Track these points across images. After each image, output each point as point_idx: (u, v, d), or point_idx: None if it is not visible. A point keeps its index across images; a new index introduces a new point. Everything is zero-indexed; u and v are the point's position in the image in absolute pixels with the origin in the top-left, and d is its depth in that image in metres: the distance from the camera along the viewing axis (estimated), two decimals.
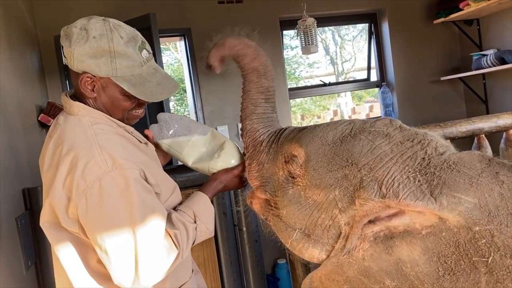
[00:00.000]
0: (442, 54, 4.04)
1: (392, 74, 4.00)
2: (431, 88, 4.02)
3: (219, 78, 3.52)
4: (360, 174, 1.00)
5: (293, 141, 1.18)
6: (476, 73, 3.64)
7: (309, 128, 1.18)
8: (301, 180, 1.13)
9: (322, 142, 1.10)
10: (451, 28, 4.02)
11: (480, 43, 3.82)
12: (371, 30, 4.10)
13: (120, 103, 1.24)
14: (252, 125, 1.31)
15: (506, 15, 3.52)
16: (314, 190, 1.08)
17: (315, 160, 1.09)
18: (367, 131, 1.07)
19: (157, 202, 1.17)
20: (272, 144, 1.27)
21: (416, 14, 3.96)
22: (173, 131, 1.47)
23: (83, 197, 1.06)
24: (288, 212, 1.15)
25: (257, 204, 1.31)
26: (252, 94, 1.30)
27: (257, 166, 1.29)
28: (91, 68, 1.16)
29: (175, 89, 1.28)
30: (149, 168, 1.21)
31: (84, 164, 1.08)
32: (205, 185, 1.40)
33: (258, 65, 1.27)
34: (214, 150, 1.46)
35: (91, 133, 1.16)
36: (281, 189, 1.18)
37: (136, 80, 1.20)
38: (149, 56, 1.24)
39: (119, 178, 1.08)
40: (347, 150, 1.05)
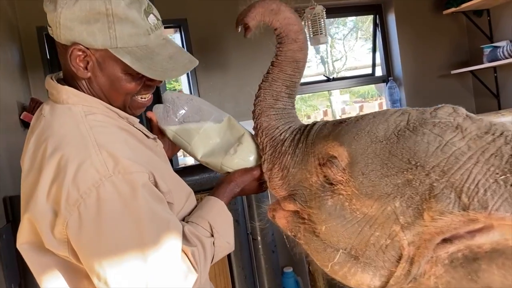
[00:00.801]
0: (450, 47, 3.86)
1: (399, 68, 3.80)
2: (440, 82, 3.83)
3: (218, 73, 3.29)
4: (430, 180, 0.78)
5: (329, 139, 0.95)
6: (488, 66, 3.46)
7: (348, 122, 0.95)
8: (344, 187, 0.90)
9: (372, 139, 0.87)
10: (459, 19, 3.84)
11: (491, 34, 3.64)
12: (375, 22, 3.90)
13: (122, 85, 0.99)
14: (269, 121, 1.09)
15: None
16: (364, 200, 0.86)
17: (363, 162, 0.87)
18: (430, 123, 0.84)
19: (171, 215, 0.95)
20: (298, 143, 1.05)
21: (424, 4, 3.77)
22: (182, 115, 1.23)
23: (75, 211, 0.84)
24: (328, 228, 0.93)
25: (282, 218, 1.08)
26: (276, 86, 1.08)
27: (280, 172, 1.07)
28: (83, 37, 0.92)
29: (191, 65, 1.03)
30: (159, 171, 0.98)
31: (76, 166, 0.86)
32: (218, 188, 1.16)
33: (301, 57, 1.06)
34: (230, 143, 1.22)
35: (85, 126, 0.93)
36: (316, 199, 0.96)
37: (142, 52, 0.96)
38: (158, 23, 1.00)
39: (123, 185, 0.86)
40: (408, 149, 0.82)
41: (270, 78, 1.08)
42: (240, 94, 3.25)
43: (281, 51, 1.06)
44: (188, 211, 1.10)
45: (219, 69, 3.29)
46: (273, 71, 1.08)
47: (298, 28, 1.04)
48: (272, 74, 1.08)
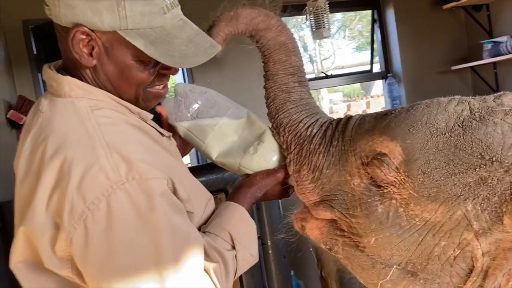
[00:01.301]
0: (449, 42, 3.78)
1: (398, 64, 3.71)
2: (440, 78, 3.76)
3: (214, 70, 3.15)
4: (510, 177, 0.67)
5: (375, 134, 0.83)
6: (488, 61, 3.39)
7: (396, 114, 0.83)
8: (398, 190, 0.78)
9: (431, 131, 0.76)
10: (458, 14, 3.77)
11: (490, 29, 3.58)
12: (374, 18, 3.81)
13: (133, 74, 0.86)
14: (289, 116, 0.97)
15: None
16: (426, 204, 0.74)
17: (423, 158, 0.75)
18: (499, 111, 0.73)
19: (192, 227, 0.84)
20: (332, 140, 0.92)
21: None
22: (195, 110, 1.10)
23: (80, 225, 0.72)
24: (379, 240, 0.81)
25: (315, 229, 0.95)
26: (280, 78, 0.97)
27: (310, 174, 0.94)
28: (87, 17, 0.79)
29: (214, 50, 0.90)
30: (177, 175, 0.86)
31: (81, 171, 0.74)
32: (238, 192, 1.04)
33: (286, 39, 0.96)
34: (250, 141, 1.09)
35: (92, 124, 0.81)
36: (361, 206, 0.83)
37: (157, 35, 0.83)
38: (174, 1, 0.86)
39: (139, 194, 0.75)
40: (478, 141, 0.71)
41: (269, 74, 0.99)
42: (237, 91, 3.12)
43: (263, 45, 0.98)
44: (206, 218, 0.99)
45: (216, 66, 3.15)
46: (269, 67, 0.99)
47: (264, 17, 0.96)
48: (269, 70, 0.99)
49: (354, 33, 9.80)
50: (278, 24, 0.97)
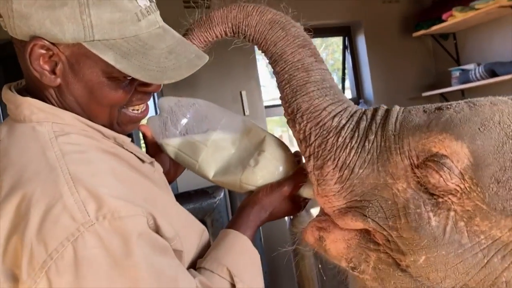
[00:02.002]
0: (418, 69, 3.86)
1: (370, 90, 3.72)
2: (410, 104, 3.63)
3: (187, 92, 3.00)
4: None
5: (432, 130, 0.70)
6: (457, 88, 3.45)
7: (456, 109, 0.71)
8: (460, 200, 0.65)
9: (507, 133, 0.64)
10: (426, 42, 3.87)
11: (457, 57, 3.67)
12: (345, 44, 3.83)
13: (105, 94, 0.73)
14: (311, 101, 0.81)
15: (484, 28, 3.42)
16: (499, 219, 0.62)
17: (497, 164, 0.63)
18: None
19: (180, 269, 0.73)
20: (367, 133, 0.77)
21: (393, 26, 3.76)
22: (184, 126, 0.97)
23: (43, 278, 0.61)
24: (431, 259, 0.67)
25: (340, 241, 0.80)
26: (290, 55, 0.83)
27: (337, 172, 0.78)
28: (45, 28, 0.68)
29: (200, 61, 0.76)
30: (161, 208, 0.75)
31: (42, 212, 0.63)
32: (239, 216, 0.90)
33: (272, 15, 0.84)
34: (249, 152, 0.95)
35: (55, 153, 0.69)
36: (407, 216, 0.70)
37: (130, 46, 0.71)
38: (151, 6, 0.74)
39: (112, 236, 0.64)
40: None
41: (276, 56, 0.84)
42: None
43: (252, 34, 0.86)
44: (201, 254, 0.85)
45: (189, 88, 3.01)
46: (271, 51, 0.85)
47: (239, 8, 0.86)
48: (274, 53, 0.85)
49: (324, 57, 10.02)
50: (257, 7, 0.86)
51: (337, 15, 3.60)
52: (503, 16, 3.18)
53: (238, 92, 3.25)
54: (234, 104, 3.20)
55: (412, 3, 3.80)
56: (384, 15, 3.72)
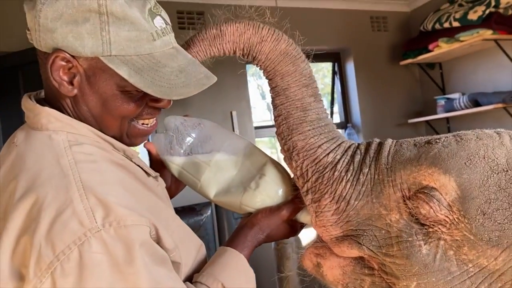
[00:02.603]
0: (405, 96, 3.96)
1: (358, 115, 3.80)
2: (397, 130, 3.88)
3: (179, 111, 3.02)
4: None
5: (421, 164, 0.74)
6: (443, 116, 3.55)
7: (444, 143, 0.75)
8: (449, 230, 0.69)
9: (491, 167, 0.68)
10: (413, 71, 3.99)
11: (443, 86, 3.78)
12: (334, 70, 3.92)
13: (117, 106, 0.78)
14: (306, 140, 0.85)
15: (469, 59, 3.54)
16: (485, 249, 0.65)
17: (483, 197, 0.67)
18: None
19: (176, 280, 0.75)
20: (361, 167, 0.81)
21: (381, 54, 3.87)
22: (189, 145, 0.99)
23: (48, 278, 0.64)
24: (421, 285, 0.71)
25: (336, 268, 0.83)
26: (293, 92, 0.85)
27: (334, 204, 0.82)
28: (67, 41, 0.73)
29: (208, 81, 0.80)
30: (164, 221, 0.79)
31: (52, 216, 0.66)
32: (238, 235, 0.93)
33: (286, 46, 0.85)
34: (250, 175, 0.97)
35: (68, 161, 0.73)
36: (400, 245, 0.73)
37: (144, 62, 0.75)
38: (167, 28, 0.78)
39: (115, 243, 0.66)
40: None
41: (279, 89, 0.86)
42: None
43: (262, 60, 0.86)
44: (197, 268, 0.88)
45: (180, 107, 3.03)
46: (277, 82, 0.86)
47: (254, 29, 0.86)
48: (278, 85, 0.86)
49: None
50: (272, 32, 0.86)
51: (327, 42, 3.69)
52: (487, 49, 3.30)
53: (228, 112, 3.29)
54: (224, 123, 3.24)
55: (400, 32, 3.93)
56: (373, 43, 3.83)
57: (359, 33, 3.78)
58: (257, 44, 0.85)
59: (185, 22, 3.13)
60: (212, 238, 3.06)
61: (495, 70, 3.35)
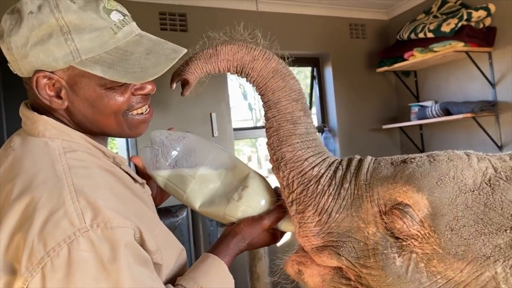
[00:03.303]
0: (381, 103, 4.06)
1: (334, 119, 3.89)
2: (371, 135, 3.98)
3: (159, 112, 3.03)
4: None
5: (397, 182, 0.80)
6: (416, 123, 3.67)
7: (418, 163, 0.81)
8: (420, 244, 0.75)
9: (460, 187, 0.74)
10: (389, 78, 4.09)
11: (417, 94, 3.91)
12: (313, 75, 3.99)
13: (105, 103, 0.84)
14: (294, 152, 0.90)
15: (442, 68, 3.67)
16: (452, 262, 0.72)
17: (452, 214, 0.73)
18: None
19: (156, 280, 0.80)
20: (343, 182, 0.87)
21: (358, 60, 3.96)
22: (174, 158, 1.04)
23: (39, 272, 0.69)
24: None
25: (316, 276, 0.89)
26: (284, 106, 0.91)
27: (317, 216, 0.87)
28: (41, 60, 0.79)
29: (176, 54, 0.85)
30: (148, 225, 0.84)
31: (46, 215, 0.72)
32: (220, 243, 0.98)
33: (276, 64, 0.92)
34: (233, 187, 1.02)
35: (63, 166, 0.79)
36: (376, 256, 0.79)
37: (113, 56, 0.81)
38: (125, 19, 0.84)
39: (102, 243, 0.72)
40: (509, 202, 0.71)
41: (271, 103, 0.92)
42: None
43: (254, 78, 0.92)
44: (178, 271, 0.93)
45: (160, 108, 3.04)
46: (268, 97, 0.92)
47: (247, 49, 0.92)
48: (269, 99, 0.92)
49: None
50: (264, 53, 0.93)
51: (307, 47, 3.76)
52: (458, 60, 3.44)
53: (208, 114, 3.31)
54: (203, 125, 3.26)
55: (378, 40, 4.03)
56: (351, 50, 3.92)
57: (338, 40, 3.87)
58: (249, 63, 0.91)
59: (167, 24, 3.13)
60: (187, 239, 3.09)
61: (466, 80, 3.49)
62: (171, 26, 3.14)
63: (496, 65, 3.27)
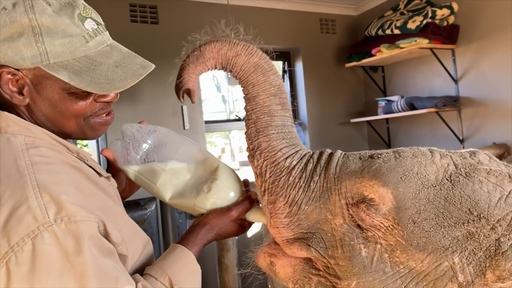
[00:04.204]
0: (349, 97, 4.16)
1: (304, 113, 3.95)
2: (340, 129, 4.07)
3: (128, 105, 3.00)
4: (496, 234, 0.72)
5: (364, 176, 0.84)
6: (383, 117, 3.78)
7: (385, 159, 0.84)
8: (384, 235, 0.79)
9: (423, 182, 0.79)
10: (357, 73, 4.18)
11: (384, 88, 4.01)
12: (284, 69, 4.03)
13: (67, 107, 0.85)
14: (269, 142, 0.92)
15: (409, 64, 3.78)
16: (414, 253, 0.76)
17: (414, 208, 0.77)
18: (482, 170, 0.79)
19: (121, 270, 0.83)
20: (313, 175, 0.90)
21: (328, 55, 4.03)
22: (145, 151, 1.06)
23: (3, 267, 0.71)
24: (360, 284, 0.80)
25: (287, 267, 0.92)
26: (262, 100, 0.93)
27: (287, 207, 0.90)
28: (8, 57, 0.80)
29: (144, 71, 0.88)
30: (112, 218, 0.86)
31: (9, 211, 0.73)
32: (189, 234, 1.01)
33: (258, 59, 0.94)
34: (203, 179, 1.05)
35: (25, 162, 0.80)
36: (343, 247, 0.83)
37: (81, 64, 0.83)
38: (99, 28, 0.85)
39: (66, 236, 0.73)
40: (467, 197, 0.75)
41: (250, 96, 0.94)
42: None
43: (237, 72, 0.95)
44: (144, 262, 0.96)
45: (130, 101, 3.01)
46: (248, 90, 0.95)
47: (230, 45, 0.94)
48: (249, 92, 0.94)
49: None
50: (246, 47, 0.94)
51: (278, 41, 3.79)
52: (423, 56, 3.55)
53: (179, 107, 3.30)
54: (174, 118, 3.25)
55: (348, 35, 4.11)
56: (322, 44, 3.98)
57: (308, 34, 3.92)
58: (232, 58, 0.93)
59: (137, 16, 3.09)
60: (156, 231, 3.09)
61: (431, 76, 3.62)
62: (141, 19, 3.10)
63: (458, 62, 3.40)
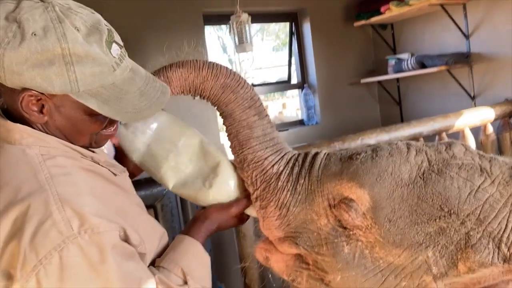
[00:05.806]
0: (358, 56, 4.08)
1: (314, 75, 3.91)
2: (350, 90, 4.04)
3: None
4: (465, 228, 0.77)
5: (343, 179, 0.89)
6: (393, 76, 3.73)
7: (362, 160, 0.90)
8: (364, 234, 0.85)
9: (397, 182, 0.84)
10: (366, 31, 4.09)
11: (394, 46, 3.93)
12: (291, 30, 3.96)
13: (86, 126, 0.88)
14: (254, 153, 0.99)
15: (419, 21, 3.67)
16: (391, 249, 0.82)
17: (390, 207, 0.83)
18: (453, 165, 0.83)
19: (144, 271, 0.87)
20: (298, 178, 0.96)
21: (336, 15, 3.93)
22: (149, 138, 1.10)
23: (33, 278, 0.74)
24: (345, 278, 0.87)
25: (280, 262, 0.99)
26: (238, 115, 0.98)
27: (277, 210, 0.98)
28: (36, 83, 0.79)
29: (164, 97, 0.91)
30: (130, 218, 0.90)
31: (35, 226, 0.76)
32: (193, 226, 1.07)
33: (225, 79, 0.97)
34: (205, 172, 1.10)
35: (45, 175, 0.82)
36: (328, 245, 0.89)
37: (109, 93, 0.83)
38: (122, 52, 0.87)
39: (90, 247, 0.77)
40: (438, 194, 0.80)
41: (226, 114, 1.00)
42: None
43: (207, 95, 0.99)
44: (159, 254, 1.02)
45: None
46: (222, 109, 1.00)
47: (195, 72, 0.97)
48: (224, 111, 0.99)
49: (271, 35, 10.06)
50: (211, 70, 0.98)
51: (284, 2, 3.71)
52: (433, 13, 3.44)
53: None
54: None
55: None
56: (328, 4, 3.87)
57: None
58: (200, 85, 0.97)
59: None
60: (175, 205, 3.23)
61: (441, 32, 3.52)
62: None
63: (470, 17, 3.29)
